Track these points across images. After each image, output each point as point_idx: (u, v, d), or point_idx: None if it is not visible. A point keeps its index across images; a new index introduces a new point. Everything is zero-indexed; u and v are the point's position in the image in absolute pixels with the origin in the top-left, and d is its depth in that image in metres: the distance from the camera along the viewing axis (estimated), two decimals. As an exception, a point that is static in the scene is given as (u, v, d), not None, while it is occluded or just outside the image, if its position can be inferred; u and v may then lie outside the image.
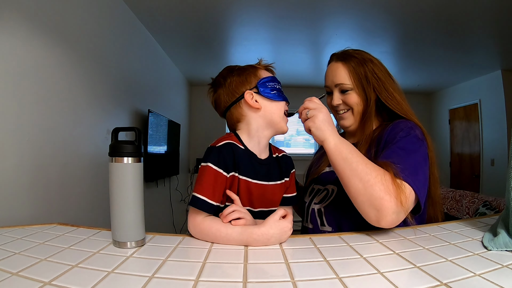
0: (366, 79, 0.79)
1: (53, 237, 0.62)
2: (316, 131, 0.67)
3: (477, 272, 0.44)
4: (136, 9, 2.15)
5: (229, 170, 0.68)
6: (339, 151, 0.64)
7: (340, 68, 0.81)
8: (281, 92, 0.76)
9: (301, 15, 2.27)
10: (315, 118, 0.67)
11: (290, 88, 4.68)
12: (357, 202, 0.63)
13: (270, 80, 0.74)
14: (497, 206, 2.28)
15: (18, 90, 1.10)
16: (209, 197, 0.64)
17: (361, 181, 0.61)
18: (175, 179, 3.41)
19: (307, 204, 0.84)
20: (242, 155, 0.71)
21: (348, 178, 0.63)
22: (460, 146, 4.28)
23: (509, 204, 0.58)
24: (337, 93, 0.83)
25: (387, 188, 0.59)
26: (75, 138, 1.48)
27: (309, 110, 0.68)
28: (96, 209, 1.62)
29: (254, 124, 0.74)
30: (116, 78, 1.95)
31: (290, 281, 0.43)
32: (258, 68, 0.76)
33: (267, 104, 0.73)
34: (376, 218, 0.60)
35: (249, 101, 0.72)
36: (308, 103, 0.69)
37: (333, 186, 0.79)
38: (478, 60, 3.27)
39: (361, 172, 0.61)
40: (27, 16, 1.15)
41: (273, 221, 0.59)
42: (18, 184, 1.09)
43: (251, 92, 0.73)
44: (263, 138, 0.75)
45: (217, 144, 0.69)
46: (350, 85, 0.80)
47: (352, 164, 0.62)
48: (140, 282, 0.42)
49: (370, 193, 0.60)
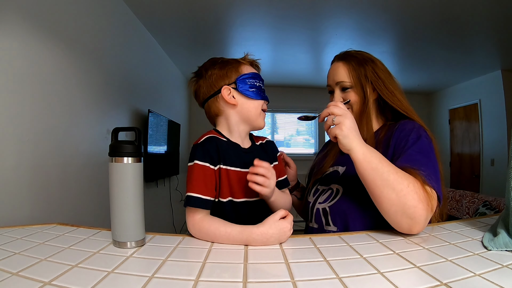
0: (365, 78, 0.79)
1: (53, 237, 0.62)
2: (344, 139, 0.64)
3: (477, 272, 0.44)
4: (136, 9, 2.15)
5: (215, 162, 0.68)
6: (368, 161, 0.62)
7: (340, 67, 0.83)
8: (260, 90, 0.75)
9: (301, 15, 2.27)
10: (342, 125, 0.64)
11: (290, 88, 4.71)
12: (389, 212, 0.61)
13: (251, 77, 0.73)
14: (497, 206, 2.28)
15: (18, 90, 1.10)
16: (201, 193, 0.64)
17: (394, 190, 0.60)
18: (175, 179, 3.41)
19: (311, 204, 0.83)
20: (226, 147, 0.71)
21: (380, 189, 0.61)
22: (460, 146, 4.28)
23: (509, 204, 0.58)
24: (338, 91, 0.83)
25: (420, 196, 0.60)
26: (75, 138, 1.48)
27: (335, 117, 0.65)
28: (96, 209, 1.62)
29: (232, 119, 0.74)
30: (116, 78, 1.95)
31: (290, 281, 0.43)
32: (241, 63, 0.75)
33: (244, 101, 0.73)
34: (409, 227, 0.61)
35: (225, 96, 0.72)
36: (334, 109, 0.66)
37: (337, 186, 0.79)
38: (478, 60, 3.27)
39: (393, 182, 0.60)
40: (27, 16, 1.15)
41: (272, 221, 0.60)
42: (18, 184, 1.09)
43: (229, 87, 0.72)
44: (242, 131, 0.76)
45: (199, 141, 0.70)
46: (350, 83, 0.81)
47: (383, 174, 0.61)
48: (140, 282, 0.42)
49: (404, 202, 0.59)
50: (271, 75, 4.03)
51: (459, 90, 4.29)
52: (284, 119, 4.80)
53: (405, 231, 0.62)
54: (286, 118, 4.80)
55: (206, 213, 0.65)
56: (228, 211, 0.69)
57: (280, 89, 4.62)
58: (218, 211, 0.68)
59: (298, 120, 0.83)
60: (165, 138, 2.93)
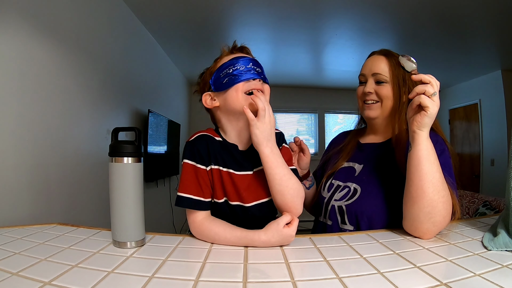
0: (403, 80, 0.79)
1: (53, 237, 0.62)
2: (429, 117, 0.60)
3: (477, 272, 0.44)
4: (136, 9, 2.14)
5: (206, 162, 0.66)
6: (430, 152, 0.61)
7: (381, 60, 0.81)
8: (234, 75, 0.66)
9: (301, 15, 2.27)
10: (435, 105, 0.59)
11: (290, 88, 4.71)
12: (419, 212, 0.60)
13: (225, 68, 0.67)
14: (497, 206, 2.28)
15: (18, 90, 1.10)
16: (192, 193, 0.62)
17: (438, 193, 0.59)
18: (175, 179, 3.41)
19: (326, 199, 0.83)
20: (219, 147, 0.68)
21: (427, 185, 0.60)
22: (460, 146, 4.28)
23: (509, 204, 0.58)
24: (372, 82, 0.82)
25: (450, 208, 0.61)
26: (75, 138, 1.48)
27: (435, 93, 0.60)
28: (96, 209, 1.62)
29: (222, 120, 0.72)
30: (116, 78, 1.95)
31: (290, 281, 0.43)
32: (216, 62, 0.72)
33: (223, 97, 0.68)
34: (426, 232, 0.61)
35: (206, 104, 0.71)
36: (435, 82, 0.60)
37: (355, 185, 0.79)
38: (478, 60, 3.26)
39: (440, 185, 0.60)
40: (27, 17, 1.15)
41: (276, 230, 0.58)
42: (18, 184, 1.09)
43: (207, 93, 0.71)
44: (243, 130, 0.70)
45: (190, 139, 0.68)
46: (387, 78, 0.79)
47: (436, 172, 0.60)
48: (140, 282, 0.42)
49: (439, 208, 0.59)
50: (271, 75, 3.98)
51: (459, 90, 4.28)
52: (284, 119, 4.79)
53: (416, 235, 0.62)
54: (286, 118, 4.80)
55: (206, 214, 0.64)
56: (225, 211, 0.67)
57: (280, 89, 4.61)
58: (216, 211, 0.67)
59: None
60: (165, 138, 2.93)
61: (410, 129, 0.63)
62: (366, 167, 0.82)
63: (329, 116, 4.85)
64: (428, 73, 0.63)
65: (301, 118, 4.85)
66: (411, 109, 0.63)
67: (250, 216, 0.67)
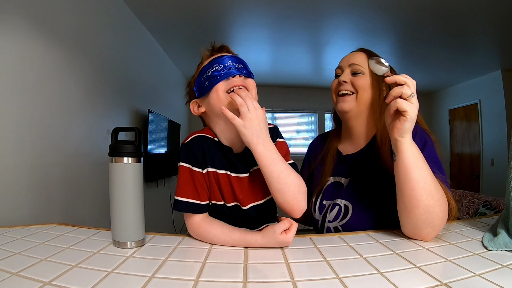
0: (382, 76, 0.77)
1: (53, 237, 0.62)
2: (409, 122, 0.56)
3: (477, 272, 0.44)
4: (136, 9, 2.15)
5: (202, 165, 0.64)
6: (417, 158, 0.57)
7: (360, 54, 0.80)
8: (213, 77, 0.64)
9: (301, 15, 2.27)
10: (414, 107, 0.55)
11: (290, 88, 4.71)
12: (418, 219, 0.58)
13: (204, 71, 0.66)
14: (497, 206, 2.28)
15: (18, 90, 1.10)
16: (189, 196, 0.61)
17: (433, 197, 0.56)
18: (175, 179, 3.41)
19: (320, 222, 0.80)
20: (216, 148, 0.66)
21: (420, 192, 0.56)
22: (460, 146, 4.28)
23: (509, 204, 0.58)
24: (348, 72, 0.80)
25: (446, 208, 0.59)
26: (75, 138, 1.48)
27: (413, 94, 0.56)
28: (96, 209, 1.62)
29: (211, 125, 0.70)
30: (116, 78, 1.95)
31: (290, 281, 0.43)
32: (198, 68, 0.71)
33: (206, 102, 0.67)
34: (427, 235, 0.59)
35: (194, 112, 0.70)
36: (411, 82, 0.56)
37: (345, 202, 0.76)
38: (478, 60, 3.26)
39: (433, 189, 0.57)
40: (27, 17, 1.15)
41: (272, 237, 0.56)
42: (18, 184, 1.09)
43: (194, 101, 0.70)
44: (233, 133, 0.65)
45: (186, 141, 0.66)
46: (365, 70, 0.77)
47: (427, 177, 0.57)
48: (140, 282, 0.42)
49: (437, 212, 0.57)
50: (271, 75, 4.03)
51: (459, 90, 4.28)
52: (284, 119, 4.79)
53: (418, 238, 0.61)
54: (286, 118, 4.80)
55: (203, 216, 0.63)
56: (223, 212, 0.66)
57: (280, 89, 4.61)
58: (215, 212, 0.66)
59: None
60: (165, 138, 2.93)
61: (392, 137, 0.59)
62: (352, 180, 0.79)
63: (329, 116, 4.82)
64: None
65: (301, 118, 4.86)
66: (389, 115, 0.59)
67: (247, 217, 0.67)
